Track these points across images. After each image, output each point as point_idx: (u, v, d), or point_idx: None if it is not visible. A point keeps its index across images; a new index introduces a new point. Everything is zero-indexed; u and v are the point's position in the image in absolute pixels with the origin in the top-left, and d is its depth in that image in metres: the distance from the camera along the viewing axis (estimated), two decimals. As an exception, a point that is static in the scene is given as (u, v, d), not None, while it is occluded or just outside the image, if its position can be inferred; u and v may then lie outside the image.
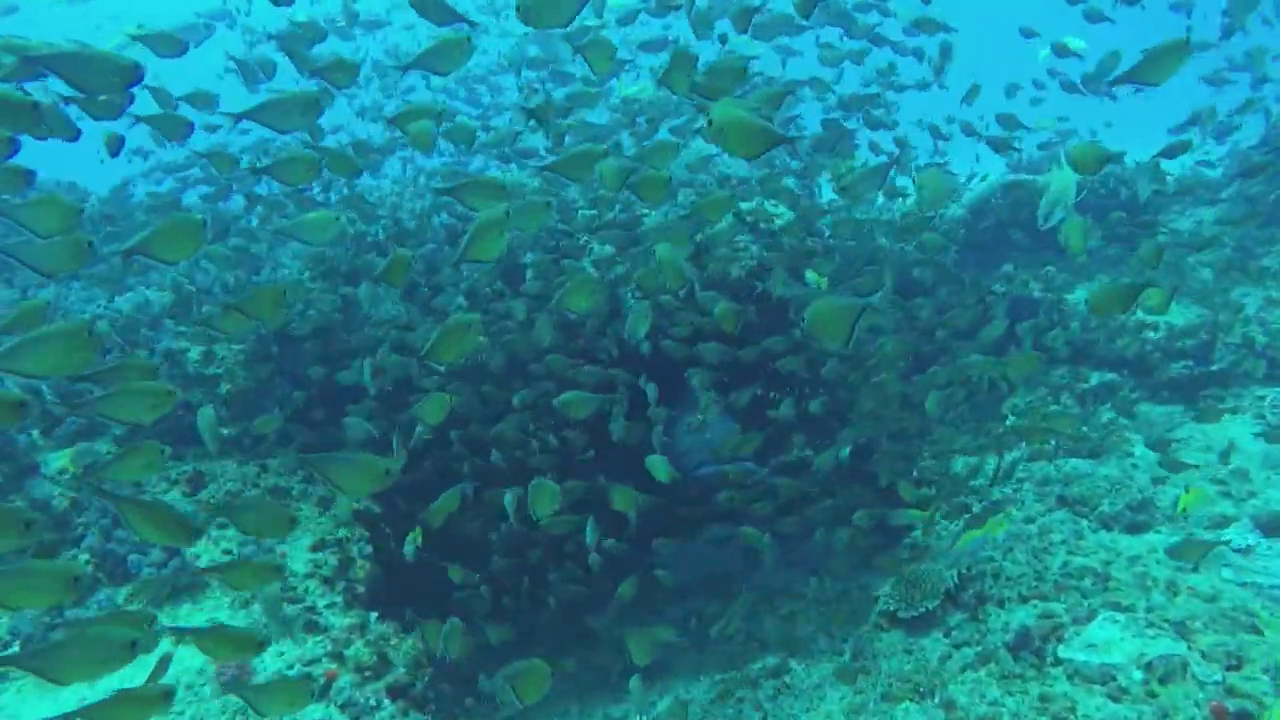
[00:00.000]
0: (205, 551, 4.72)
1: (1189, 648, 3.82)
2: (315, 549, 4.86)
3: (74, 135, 3.86)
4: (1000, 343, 6.87)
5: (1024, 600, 4.56)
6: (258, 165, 4.16)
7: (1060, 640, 4.14)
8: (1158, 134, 8.98)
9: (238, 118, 3.91)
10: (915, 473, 5.92)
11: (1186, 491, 4.67)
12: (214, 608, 4.46)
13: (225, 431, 5.51)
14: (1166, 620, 4.03)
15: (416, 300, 5.99)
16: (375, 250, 6.24)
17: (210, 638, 3.07)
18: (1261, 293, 8.19)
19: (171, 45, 5.37)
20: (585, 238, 6.13)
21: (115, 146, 5.05)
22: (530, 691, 3.35)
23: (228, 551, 4.72)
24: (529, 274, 5.63)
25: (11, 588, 2.54)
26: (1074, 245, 5.10)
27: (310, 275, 6.14)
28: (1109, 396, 7.49)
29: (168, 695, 2.61)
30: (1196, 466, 5.76)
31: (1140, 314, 8.04)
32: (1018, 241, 8.87)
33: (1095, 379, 7.61)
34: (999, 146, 7.59)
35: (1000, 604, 4.61)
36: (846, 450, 5.32)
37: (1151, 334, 7.67)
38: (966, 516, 5.56)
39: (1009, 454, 6.78)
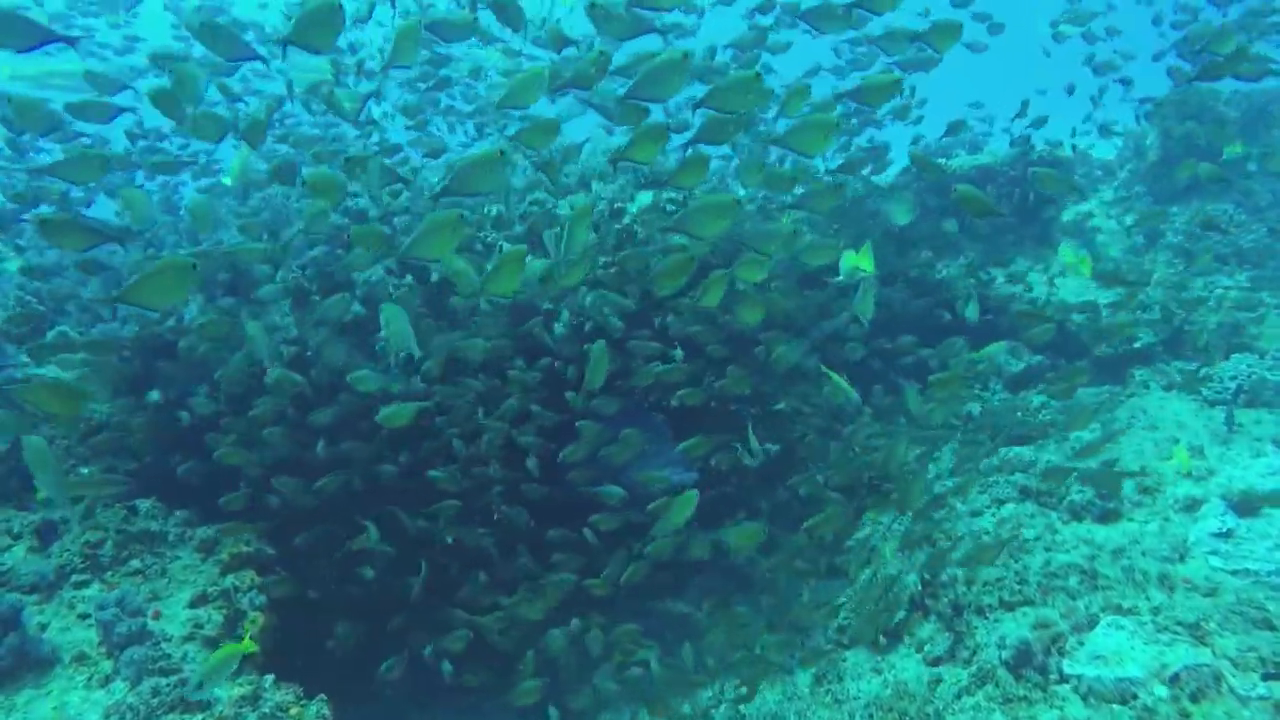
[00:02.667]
0: (56, 617, 3.71)
1: (1213, 654, 3.38)
2: (196, 604, 3.88)
3: None
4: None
5: (1010, 607, 4.07)
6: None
7: (1063, 653, 3.65)
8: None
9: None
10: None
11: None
12: (63, 689, 3.46)
13: (86, 470, 4.50)
14: (1178, 622, 3.59)
15: (306, 309, 5.08)
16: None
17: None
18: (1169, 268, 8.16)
19: None
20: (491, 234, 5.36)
21: None
22: None
23: (85, 615, 3.72)
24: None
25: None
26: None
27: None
28: (1037, 379, 7.25)
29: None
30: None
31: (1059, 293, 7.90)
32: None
33: (1022, 363, 7.35)
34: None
35: (983, 612, 4.11)
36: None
37: (1076, 316, 7.47)
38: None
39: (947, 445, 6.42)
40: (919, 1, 7.06)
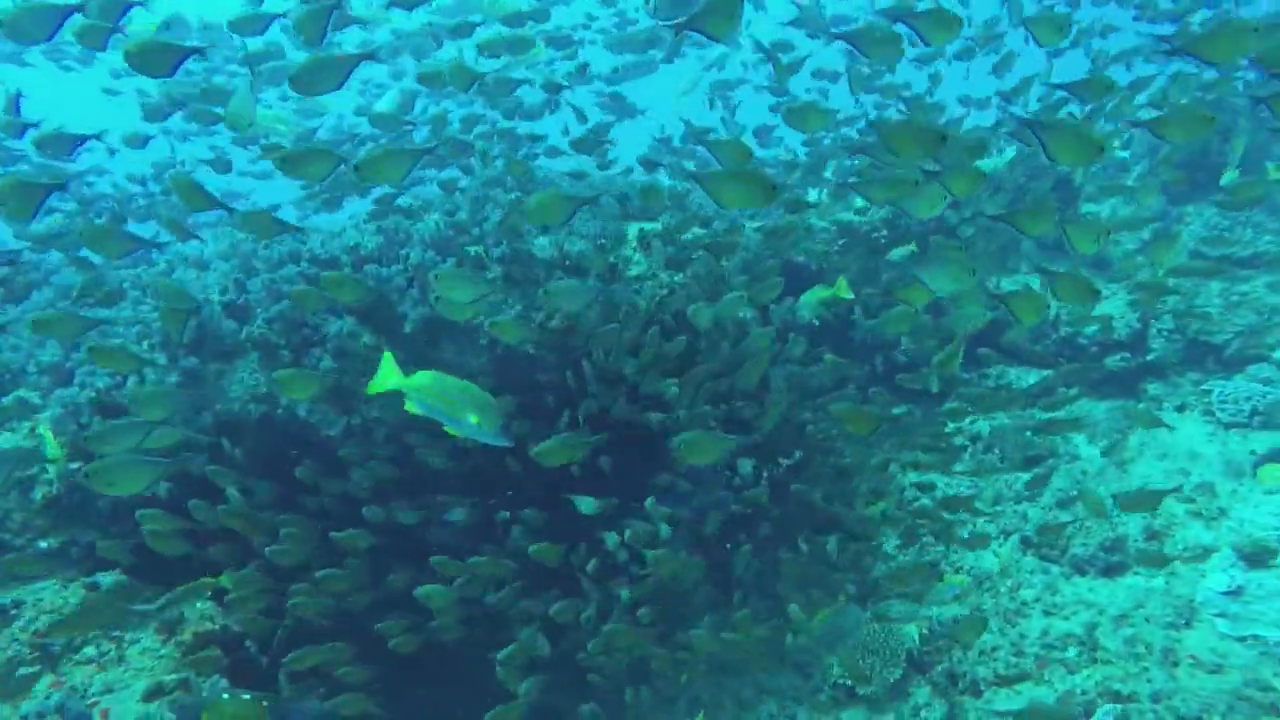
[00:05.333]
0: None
1: (1216, 754, 3.19)
2: (150, 697, 3.75)
3: None
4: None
5: (1005, 682, 3.88)
6: None
7: (1058, 747, 3.46)
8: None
9: None
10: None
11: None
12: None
13: (45, 544, 4.36)
14: (1179, 717, 3.39)
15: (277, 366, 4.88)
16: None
17: None
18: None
19: None
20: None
21: None
22: None
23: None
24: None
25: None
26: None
27: (149, 344, 4.89)
28: (1045, 396, 6.99)
29: None
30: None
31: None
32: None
33: (1032, 377, 7.08)
34: None
35: (976, 690, 3.92)
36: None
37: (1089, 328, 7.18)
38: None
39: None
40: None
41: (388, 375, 3.11)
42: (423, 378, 3.04)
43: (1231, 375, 6.58)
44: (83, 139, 4.33)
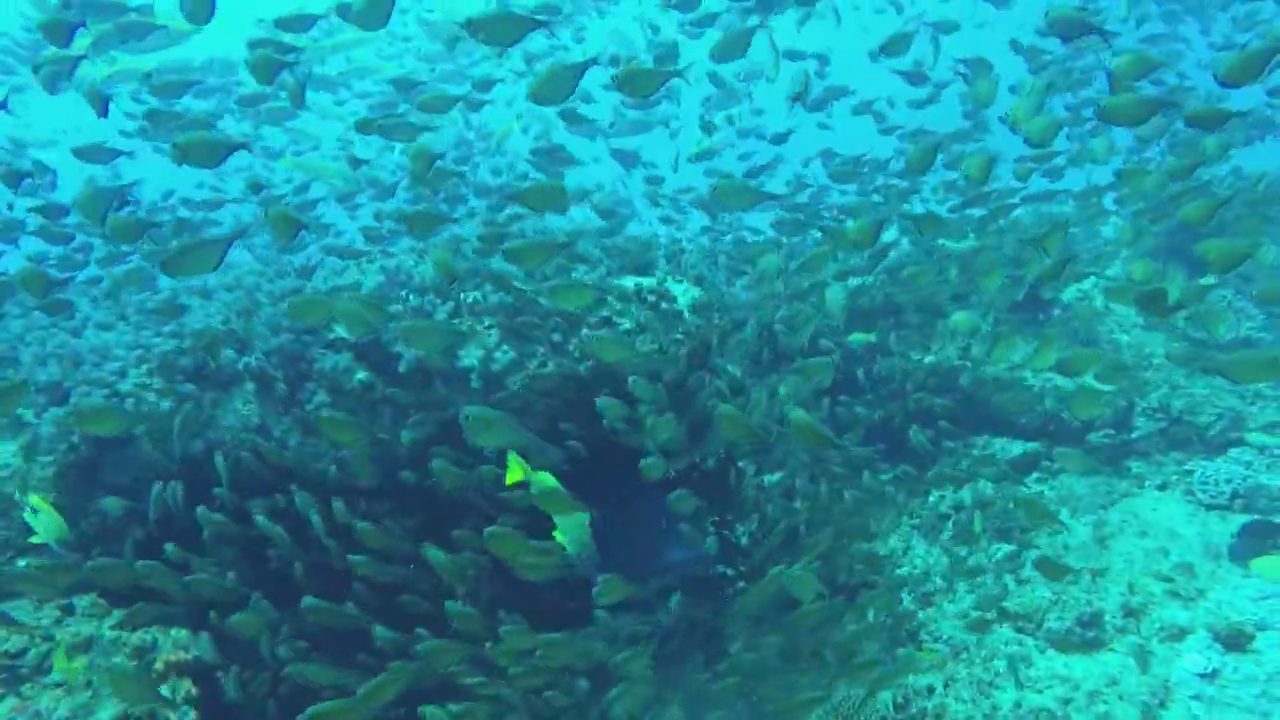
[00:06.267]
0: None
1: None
2: None
3: None
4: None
5: (977, 754, 3.87)
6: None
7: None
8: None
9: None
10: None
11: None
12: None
13: (24, 563, 4.33)
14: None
15: (273, 398, 4.91)
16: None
17: None
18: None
19: None
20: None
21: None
22: None
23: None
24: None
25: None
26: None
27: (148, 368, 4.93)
28: (1031, 468, 7.04)
29: None
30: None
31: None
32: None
33: (1016, 448, 7.14)
34: None
35: (949, 761, 3.90)
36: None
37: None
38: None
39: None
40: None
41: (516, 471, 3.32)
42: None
43: (1214, 457, 6.66)
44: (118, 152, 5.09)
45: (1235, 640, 4.46)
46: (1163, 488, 6.37)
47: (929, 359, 7.25)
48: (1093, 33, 4.16)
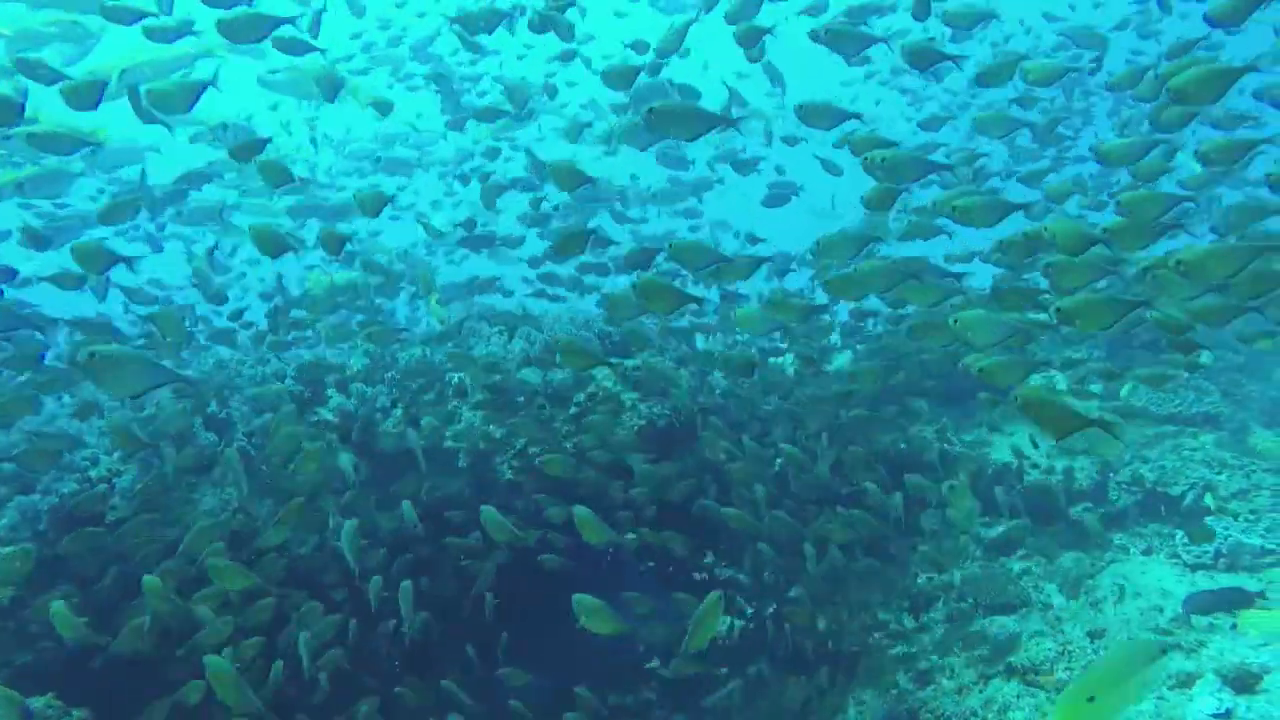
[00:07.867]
0: None
1: None
2: None
3: None
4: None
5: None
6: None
7: None
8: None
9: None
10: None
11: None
12: None
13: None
14: None
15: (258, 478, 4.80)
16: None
17: None
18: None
19: None
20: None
21: None
22: None
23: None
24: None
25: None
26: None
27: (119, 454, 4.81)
28: (1017, 544, 7.03)
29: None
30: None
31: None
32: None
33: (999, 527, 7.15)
34: None
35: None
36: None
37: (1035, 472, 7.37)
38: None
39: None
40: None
41: None
42: None
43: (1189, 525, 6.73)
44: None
45: (1244, 682, 4.42)
46: (1148, 552, 6.41)
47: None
48: (945, 60, 4.57)
